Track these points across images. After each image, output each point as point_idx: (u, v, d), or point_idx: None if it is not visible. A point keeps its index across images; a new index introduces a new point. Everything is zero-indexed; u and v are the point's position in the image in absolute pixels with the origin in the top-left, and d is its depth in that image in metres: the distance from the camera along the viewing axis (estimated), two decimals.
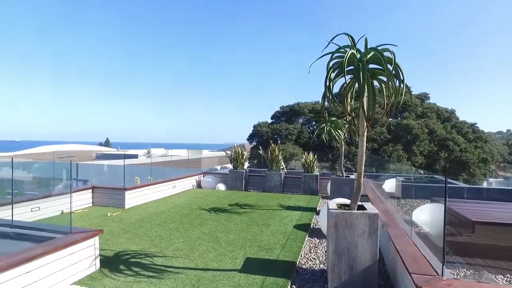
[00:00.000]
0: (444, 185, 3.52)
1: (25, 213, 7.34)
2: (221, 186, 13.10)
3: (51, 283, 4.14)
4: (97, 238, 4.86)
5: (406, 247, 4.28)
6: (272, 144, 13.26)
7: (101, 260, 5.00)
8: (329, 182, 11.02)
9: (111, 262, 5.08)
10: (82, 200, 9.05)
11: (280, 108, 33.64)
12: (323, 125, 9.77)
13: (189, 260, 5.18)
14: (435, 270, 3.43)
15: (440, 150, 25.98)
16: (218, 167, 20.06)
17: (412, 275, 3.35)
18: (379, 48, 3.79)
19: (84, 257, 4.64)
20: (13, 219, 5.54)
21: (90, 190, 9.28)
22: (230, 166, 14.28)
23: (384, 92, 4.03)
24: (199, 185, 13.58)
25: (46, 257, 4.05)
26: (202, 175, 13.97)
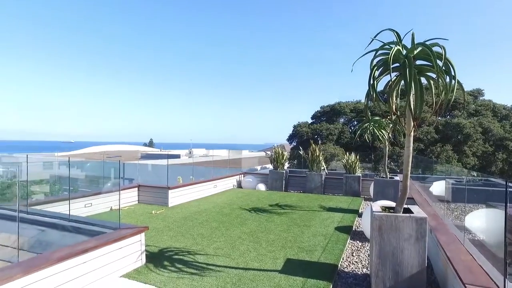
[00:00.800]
0: (503, 189, 3.25)
1: (79, 208, 7.87)
2: (261, 186, 13.15)
3: (103, 274, 4.40)
4: (143, 234, 5.09)
5: (459, 255, 4.00)
6: (313, 145, 13.08)
7: (146, 256, 5.22)
8: (372, 184, 10.65)
9: (156, 258, 5.29)
10: (129, 198, 9.52)
11: (320, 108, 33.11)
12: (366, 124, 9.46)
13: (230, 259, 5.25)
14: (495, 283, 3.17)
15: (496, 151, 24.09)
16: (258, 168, 20.17)
17: (467, 286, 3.13)
18: (428, 43, 3.58)
19: (131, 252, 4.87)
20: (70, 213, 5.95)
21: (136, 189, 9.75)
22: (270, 166, 14.30)
23: (433, 90, 3.81)
24: (239, 185, 13.74)
25: (98, 250, 4.31)
26: (242, 175, 14.12)
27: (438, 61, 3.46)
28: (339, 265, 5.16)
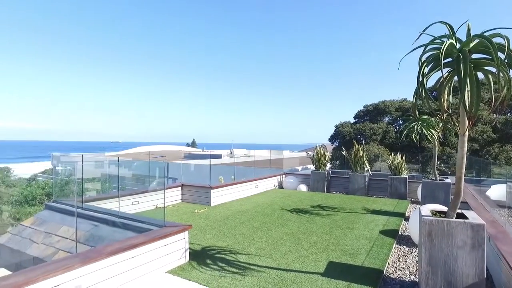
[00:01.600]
0: None
1: (127, 205, 8.29)
2: (303, 187, 13.01)
3: (149, 270, 4.58)
4: (187, 232, 5.23)
5: None
6: (356, 145, 12.69)
7: (190, 253, 5.36)
8: (420, 186, 10.10)
9: (199, 256, 5.41)
10: (173, 196, 9.86)
11: (363, 107, 32.07)
12: (414, 124, 8.99)
13: (271, 260, 5.24)
14: None
15: None
16: (299, 168, 19.99)
17: None
18: (487, 34, 3.31)
19: (175, 249, 5.03)
20: (119, 210, 6.28)
21: (180, 188, 10.07)
22: (311, 167, 14.10)
23: (492, 85, 3.52)
24: (280, 186, 13.69)
25: (146, 246, 4.50)
26: (283, 175, 14.06)
27: (500, 54, 3.18)
28: (385, 271, 4.94)
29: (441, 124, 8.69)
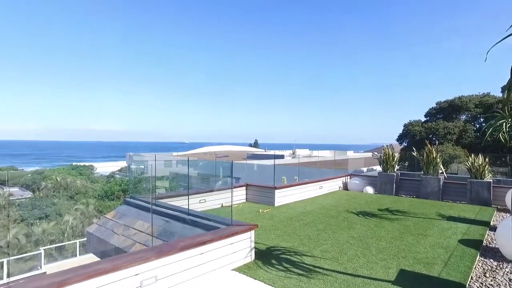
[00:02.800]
0: None
1: (195, 203, 8.69)
2: (369, 189, 12.43)
3: (216, 266, 4.74)
4: (253, 232, 5.31)
5: None
6: (428, 145, 11.76)
7: (255, 252, 5.43)
8: (509, 192, 9.00)
9: (264, 255, 5.46)
10: (238, 196, 10.11)
11: (436, 104, 29.62)
12: (502, 121, 8.02)
13: (337, 263, 5.08)
14: None
15: None
16: (365, 169, 19.16)
17: None
18: None
19: (242, 247, 5.14)
20: (189, 208, 6.61)
21: (244, 188, 10.29)
22: (378, 168, 13.42)
23: None
24: (345, 187, 13.26)
25: (214, 244, 4.67)
26: (348, 176, 13.59)
27: None
28: (467, 285, 4.48)
29: None
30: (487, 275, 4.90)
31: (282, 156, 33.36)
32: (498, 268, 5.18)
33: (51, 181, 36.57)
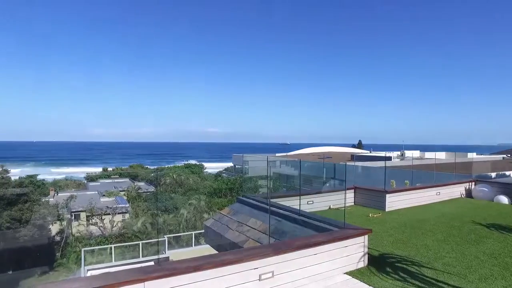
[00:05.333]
0: None
1: (303, 204, 8.79)
2: (503, 199, 10.67)
3: (329, 268, 4.75)
4: (366, 236, 5.15)
5: None
6: None
7: (368, 258, 5.25)
8: None
9: (377, 262, 5.23)
10: (345, 199, 9.85)
11: None
12: None
13: (466, 281, 4.54)
14: None
15: None
16: (493, 174, 16.54)
17: None
18: None
19: (354, 252, 5.03)
20: (300, 208, 6.76)
21: (353, 190, 9.98)
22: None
23: None
24: (469, 194, 11.67)
25: (327, 245, 4.69)
26: (472, 183, 11.93)
27: None
28: None
29: None
30: None
31: (389, 158, 31.18)
32: None
33: (169, 178, 41.58)
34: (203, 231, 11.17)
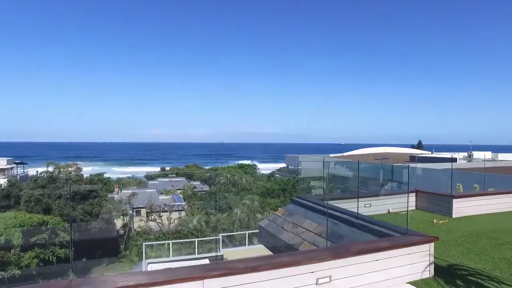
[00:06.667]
0: None
1: (360, 207, 8.44)
2: None
3: (390, 276, 4.47)
4: (432, 244, 4.77)
5: None
6: None
7: (434, 268, 4.85)
8: None
9: (445, 273, 4.81)
10: (405, 203, 9.25)
11: None
12: None
13: None
14: None
15: None
16: None
17: None
18: None
19: (418, 260, 4.68)
20: (358, 212, 6.48)
21: (414, 194, 9.35)
22: None
23: None
24: None
25: (389, 252, 4.42)
26: None
27: None
28: None
29: None
30: None
31: (454, 160, 28.78)
32: None
33: (223, 177, 42.63)
34: (257, 231, 11.24)
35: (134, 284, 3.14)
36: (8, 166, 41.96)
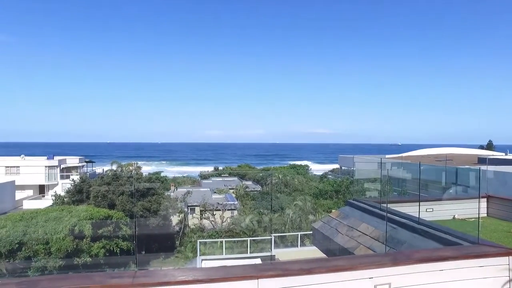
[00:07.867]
0: None
1: (421, 212, 7.90)
2: None
3: None
4: (511, 258, 4.27)
5: None
6: None
7: None
8: None
9: None
10: (475, 209, 8.47)
11: None
12: None
13: None
14: None
15: None
16: None
17: None
18: None
19: (494, 274, 4.21)
20: (419, 217, 6.08)
21: (485, 200, 8.53)
22: None
23: None
24: None
25: (456, 262, 4.06)
26: None
27: None
28: None
29: None
30: None
31: None
32: None
33: (275, 178, 42.69)
34: (311, 232, 11.07)
35: (192, 279, 3.24)
36: (79, 164, 46.16)
